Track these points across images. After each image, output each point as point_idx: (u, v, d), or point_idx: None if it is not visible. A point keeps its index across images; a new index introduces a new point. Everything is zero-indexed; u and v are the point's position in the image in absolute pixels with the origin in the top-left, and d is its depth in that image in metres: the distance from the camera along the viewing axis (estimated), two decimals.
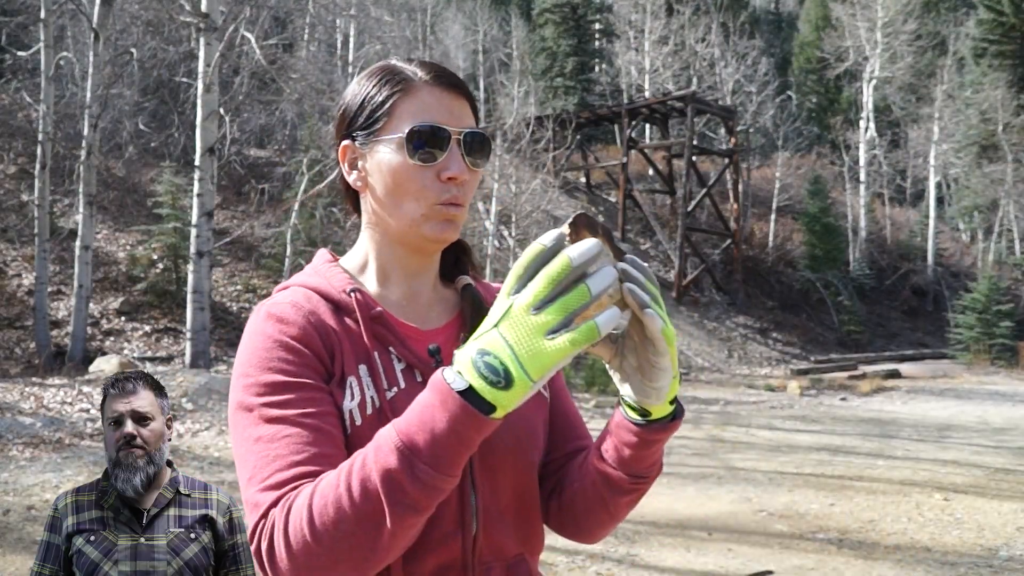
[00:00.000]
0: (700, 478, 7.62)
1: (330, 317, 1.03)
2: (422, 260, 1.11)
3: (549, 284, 0.79)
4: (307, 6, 18.71)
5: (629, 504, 1.09)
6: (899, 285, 29.41)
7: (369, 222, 1.11)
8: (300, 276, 1.11)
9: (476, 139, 1.05)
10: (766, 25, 53.23)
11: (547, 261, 0.81)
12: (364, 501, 0.83)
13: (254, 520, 0.91)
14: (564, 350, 0.78)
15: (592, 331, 0.78)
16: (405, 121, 1.03)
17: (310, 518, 0.85)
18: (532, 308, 0.79)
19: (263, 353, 0.99)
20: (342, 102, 1.11)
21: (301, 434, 0.93)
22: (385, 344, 1.04)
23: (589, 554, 5.12)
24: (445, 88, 1.05)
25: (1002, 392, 16.53)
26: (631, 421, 0.99)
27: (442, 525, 0.99)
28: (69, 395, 9.36)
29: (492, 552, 1.03)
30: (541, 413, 1.13)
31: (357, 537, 0.84)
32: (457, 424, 0.80)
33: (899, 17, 31.83)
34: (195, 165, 11.67)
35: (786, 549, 5.40)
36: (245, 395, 0.98)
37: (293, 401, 0.96)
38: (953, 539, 5.72)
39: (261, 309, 1.04)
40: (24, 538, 5.15)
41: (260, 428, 0.95)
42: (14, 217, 15.73)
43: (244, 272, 16.46)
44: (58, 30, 17.52)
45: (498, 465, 1.04)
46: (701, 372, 18.36)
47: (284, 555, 0.86)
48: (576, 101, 31.27)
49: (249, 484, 0.93)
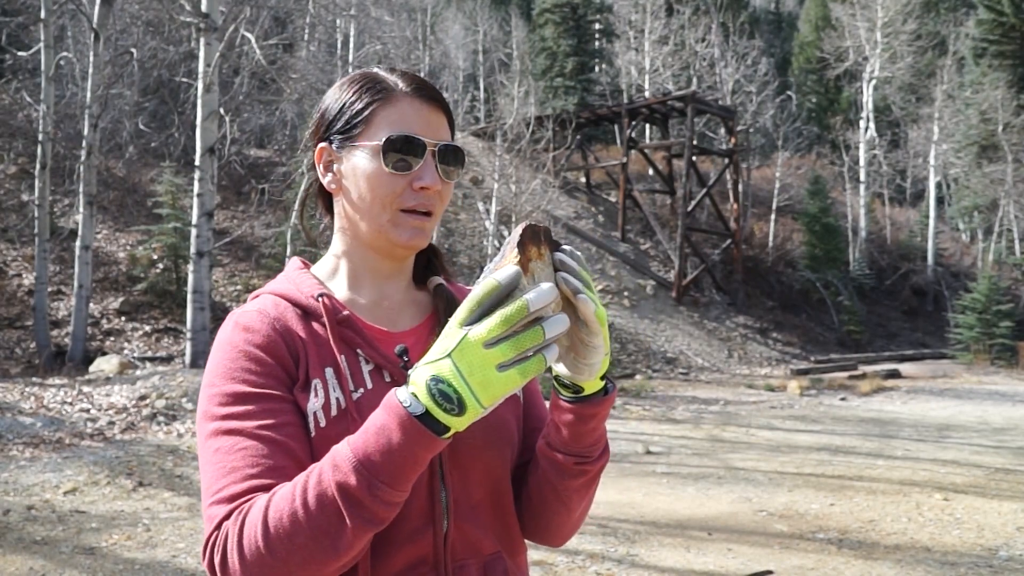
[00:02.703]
0: (700, 478, 7.63)
1: (297, 323, 1.06)
2: (392, 264, 1.13)
3: (504, 324, 0.83)
4: (307, 6, 18.70)
5: (579, 492, 1.10)
6: (899, 285, 29.41)
7: (341, 226, 1.14)
8: (272, 284, 1.14)
9: (451, 151, 1.08)
10: (766, 25, 53.23)
11: (501, 298, 0.85)
12: (320, 514, 0.86)
13: (207, 533, 0.93)
14: (514, 381, 0.84)
15: (540, 363, 0.84)
16: (383, 129, 1.06)
17: (265, 530, 0.87)
18: (485, 344, 0.83)
19: (228, 363, 1.01)
20: (321, 105, 1.14)
21: (257, 447, 0.95)
22: (353, 346, 1.05)
23: (589, 554, 5.12)
24: (424, 100, 1.08)
25: (1002, 392, 16.53)
26: (564, 399, 1.02)
27: (410, 521, 1.00)
28: (69, 395, 9.36)
29: (466, 549, 1.04)
30: (514, 411, 1.15)
31: (311, 549, 0.87)
32: (413, 444, 0.85)
33: (899, 17, 31.82)
34: (195, 165, 11.67)
35: (786, 549, 5.40)
36: (209, 405, 1.00)
37: (253, 413, 0.97)
38: (953, 539, 5.72)
39: (230, 319, 1.07)
40: (24, 538, 5.15)
41: (219, 440, 0.97)
42: (14, 217, 15.73)
43: (244, 272, 16.46)
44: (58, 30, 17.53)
45: (468, 460, 1.05)
46: (701, 372, 18.36)
47: (237, 566, 0.88)
48: (576, 101, 31.26)
49: (205, 496, 0.96)
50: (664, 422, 11.48)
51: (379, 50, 20.73)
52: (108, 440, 7.94)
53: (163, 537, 5.25)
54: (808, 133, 36.09)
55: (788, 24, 58.22)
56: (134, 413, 8.86)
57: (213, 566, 0.91)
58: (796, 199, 29.51)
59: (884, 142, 32.75)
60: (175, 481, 6.74)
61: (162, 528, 5.44)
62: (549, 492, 1.09)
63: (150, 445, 7.83)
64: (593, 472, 1.08)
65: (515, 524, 1.13)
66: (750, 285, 25.06)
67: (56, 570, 4.62)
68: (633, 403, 13.21)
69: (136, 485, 6.51)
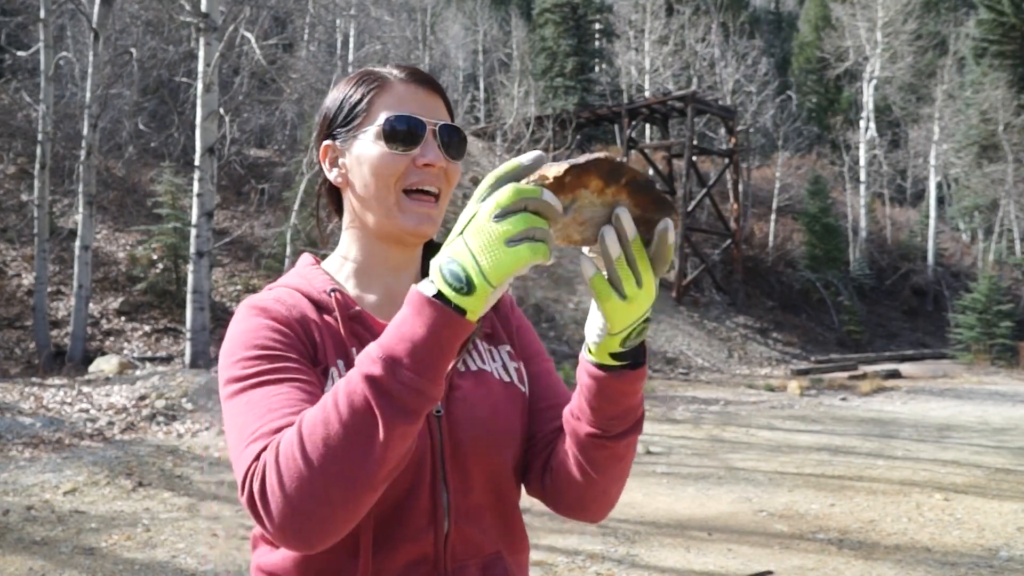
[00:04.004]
0: (700, 478, 7.62)
1: (312, 313, 1.07)
2: (403, 253, 1.14)
3: (516, 195, 0.79)
4: (307, 6, 18.70)
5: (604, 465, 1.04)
6: (899, 285, 29.42)
7: (351, 221, 1.15)
8: (284, 278, 1.15)
9: (452, 131, 1.09)
10: (766, 25, 53.25)
11: (520, 177, 0.82)
12: (352, 415, 0.82)
13: (245, 467, 0.88)
14: (523, 258, 0.79)
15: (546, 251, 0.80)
16: (381, 113, 1.08)
17: (300, 443, 0.84)
18: (494, 216, 0.79)
19: (250, 334, 1.00)
20: (322, 108, 1.16)
21: (293, 393, 0.94)
22: (363, 341, 1.06)
23: (589, 554, 5.12)
24: (419, 84, 1.10)
25: (1002, 392, 16.53)
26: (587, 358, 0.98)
27: (413, 521, 1.01)
28: (69, 395, 9.36)
29: (467, 550, 1.05)
30: (517, 409, 1.13)
31: (348, 453, 0.83)
32: (434, 326, 0.81)
33: (899, 17, 31.83)
34: (195, 165, 11.66)
35: (786, 549, 5.39)
36: (234, 370, 0.98)
37: (283, 369, 0.97)
38: (953, 539, 5.72)
39: (243, 305, 1.07)
40: (24, 538, 5.15)
41: (252, 393, 0.95)
42: (14, 217, 15.73)
43: (244, 272, 16.46)
44: (58, 30, 17.53)
45: (470, 464, 1.05)
46: (701, 372, 18.35)
47: (276, 490, 0.84)
48: (576, 101, 31.27)
49: (239, 442, 0.92)
50: (664, 422, 11.48)
51: (379, 50, 20.73)
52: (108, 440, 7.93)
53: (163, 537, 5.25)
54: (808, 133, 36.10)
55: (788, 24, 58.24)
56: (134, 413, 8.86)
57: (253, 497, 0.86)
58: (796, 199, 29.52)
59: (884, 142, 32.75)
60: (175, 481, 6.73)
61: (162, 528, 5.44)
62: (576, 466, 1.06)
63: (150, 445, 7.83)
64: (615, 450, 1.02)
65: (519, 522, 1.13)
66: (750, 285, 25.07)
67: (56, 570, 4.61)
68: None
69: (136, 485, 6.51)
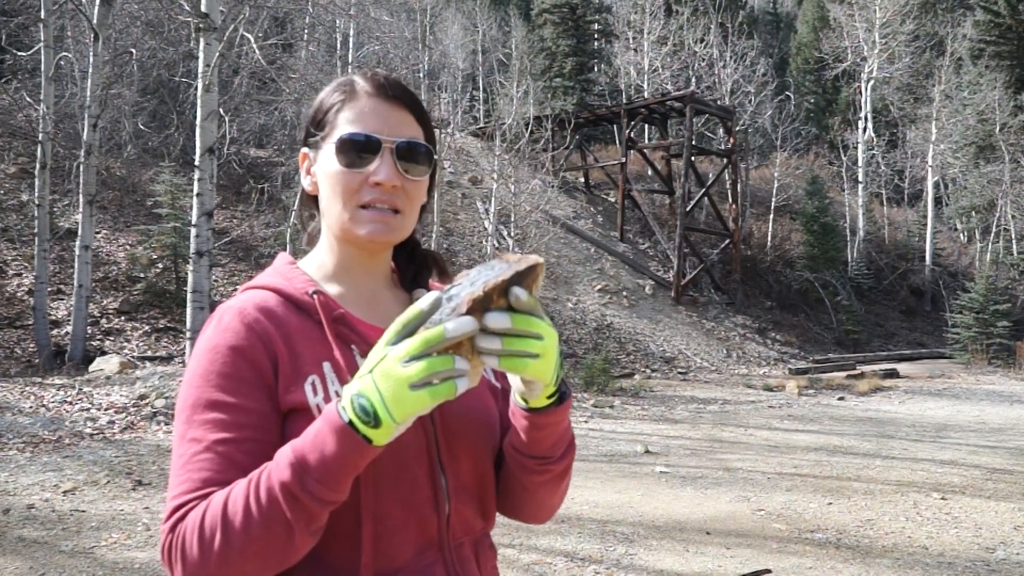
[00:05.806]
0: (698, 478, 7.65)
1: (287, 318, 1.08)
2: (367, 259, 1.16)
3: (423, 345, 0.87)
4: (307, 6, 18.68)
5: (547, 486, 1.13)
6: (897, 285, 29.46)
7: (326, 225, 1.17)
8: (261, 277, 1.16)
9: (412, 148, 1.10)
10: (764, 26, 53.27)
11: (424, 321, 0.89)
12: (270, 507, 0.92)
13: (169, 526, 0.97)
14: (423, 402, 0.87)
15: (451, 389, 0.88)
16: (342, 128, 1.09)
17: (224, 523, 0.92)
18: (402, 362, 0.87)
19: (206, 366, 1.04)
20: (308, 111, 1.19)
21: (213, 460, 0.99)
22: (348, 343, 1.08)
23: (587, 554, 5.15)
24: (384, 99, 1.11)
25: (999, 392, 16.57)
26: (519, 407, 1.06)
27: (419, 508, 1.05)
28: (69, 395, 9.37)
29: (463, 529, 1.10)
30: (498, 403, 1.19)
31: (265, 539, 0.92)
32: (343, 449, 0.90)
33: (897, 18, 31.85)
34: (195, 165, 11.66)
35: (784, 549, 5.42)
36: (183, 404, 1.04)
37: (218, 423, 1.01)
38: (950, 538, 5.75)
39: (215, 315, 1.10)
40: (24, 538, 5.17)
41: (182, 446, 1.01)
42: (14, 217, 15.73)
43: (244, 272, 16.47)
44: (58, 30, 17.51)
45: (461, 451, 1.10)
46: (699, 372, 18.38)
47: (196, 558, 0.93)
48: (575, 101, 31.28)
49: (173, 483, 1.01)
50: (662, 422, 11.51)
51: (378, 50, 20.73)
52: (108, 440, 7.95)
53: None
54: (806, 133, 36.12)
55: (786, 25, 58.27)
56: (134, 413, 8.88)
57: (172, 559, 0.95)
58: (794, 199, 29.54)
59: (882, 142, 32.78)
60: None
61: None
62: (517, 486, 1.14)
63: (150, 445, 7.85)
64: (557, 471, 1.11)
65: (492, 500, 1.18)
66: (748, 285, 25.09)
67: (55, 569, 4.63)
68: (631, 403, 13.24)
69: (135, 484, 6.52)
